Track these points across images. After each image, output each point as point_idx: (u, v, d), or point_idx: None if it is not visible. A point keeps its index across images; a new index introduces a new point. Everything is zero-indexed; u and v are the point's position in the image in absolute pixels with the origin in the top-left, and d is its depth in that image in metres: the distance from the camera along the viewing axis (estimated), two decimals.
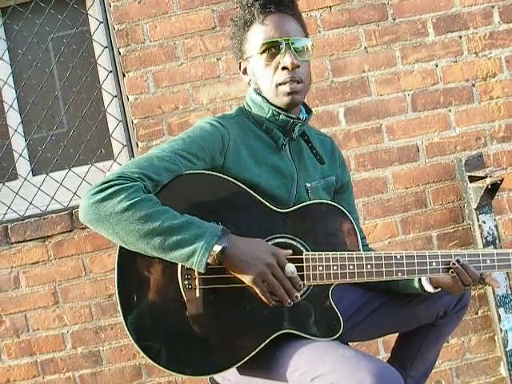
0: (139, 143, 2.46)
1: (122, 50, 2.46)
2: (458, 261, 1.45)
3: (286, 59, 1.46)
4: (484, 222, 2.43)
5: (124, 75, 2.47)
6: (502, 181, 2.33)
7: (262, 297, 1.34)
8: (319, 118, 2.47)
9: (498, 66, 2.51)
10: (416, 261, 1.45)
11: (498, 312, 2.44)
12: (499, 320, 2.45)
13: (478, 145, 2.51)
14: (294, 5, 1.55)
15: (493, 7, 2.51)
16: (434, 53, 2.49)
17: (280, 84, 1.48)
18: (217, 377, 1.60)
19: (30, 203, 2.50)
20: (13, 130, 2.57)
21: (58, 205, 2.50)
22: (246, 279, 1.33)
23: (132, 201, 1.27)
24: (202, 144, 1.42)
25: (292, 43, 1.47)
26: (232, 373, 1.51)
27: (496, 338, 2.50)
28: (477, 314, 2.53)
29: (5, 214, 2.51)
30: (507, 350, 2.45)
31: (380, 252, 1.45)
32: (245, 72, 1.59)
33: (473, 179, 2.40)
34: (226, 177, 1.42)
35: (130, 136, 2.51)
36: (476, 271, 1.46)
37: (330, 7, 2.47)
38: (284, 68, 1.47)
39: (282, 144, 1.54)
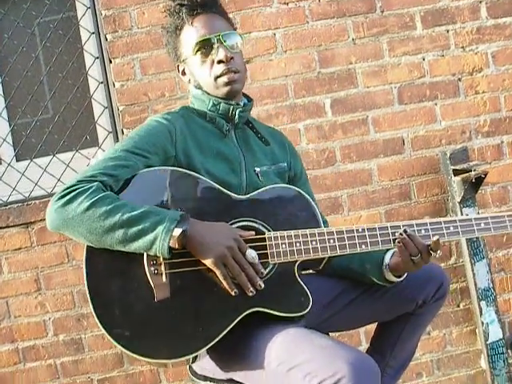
0: (124, 130, 2.45)
1: (108, 36, 2.44)
2: (405, 231, 1.47)
3: (220, 53, 1.54)
4: (467, 216, 2.45)
5: (110, 61, 2.45)
6: (486, 175, 2.34)
7: (223, 281, 1.37)
8: (305, 108, 2.47)
9: (484, 61, 2.53)
10: (378, 232, 1.48)
11: (479, 305, 2.46)
12: (480, 313, 2.47)
13: (462, 139, 2.52)
14: (217, 4, 1.64)
15: (480, 2, 2.52)
16: (422, 46, 2.50)
17: (218, 76, 1.56)
18: (195, 366, 1.61)
19: (14, 189, 2.48)
20: None
21: (42, 191, 2.48)
22: (207, 262, 1.37)
23: (91, 200, 1.33)
24: (151, 140, 1.49)
25: (222, 38, 1.55)
26: (208, 362, 1.53)
27: (477, 331, 2.52)
28: (458, 306, 2.55)
29: None
30: (488, 343, 2.47)
31: (341, 227, 1.48)
32: (183, 73, 1.67)
33: (457, 173, 2.42)
34: (181, 169, 1.48)
35: (116, 123, 2.49)
36: (422, 241, 1.46)
37: None
38: (220, 61, 1.55)
39: (226, 130, 1.61)
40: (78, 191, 1.35)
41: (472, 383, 2.55)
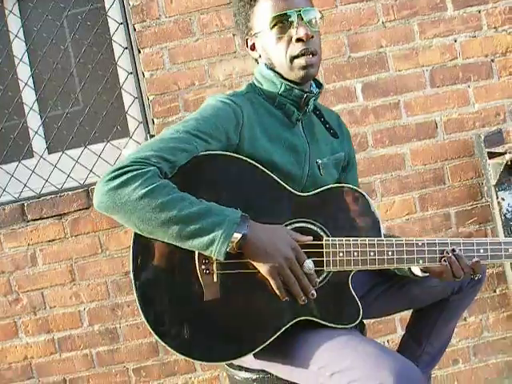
0: (155, 120, 2.45)
1: (137, 26, 2.44)
2: (453, 250, 1.41)
3: (300, 31, 1.43)
4: (503, 199, 2.40)
5: (139, 51, 2.45)
6: None
7: (276, 290, 1.32)
8: (336, 93, 2.44)
9: None
10: (437, 248, 1.42)
11: None
12: None
13: (497, 121, 2.47)
14: None
15: None
16: (453, 28, 2.46)
17: (295, 57, 1.45)
18: None
19: (46, 181, 2.50)
20: (28, 108, 2.57)
21: (74, 182, 2.49)
22: (263, 269, 1.31)
23: (147, 188, 1.24)
24: (215, 123, 1.39)
25: (303, 14, 1.44)
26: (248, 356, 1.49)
27: None
28: (495, 292, 2.51)
29: (21, 191, 2.51)
30: None
31: (401, 238, 1.42)
32: (253, 48, 1.55)
33: (492, 155, 2.37)
34: (243, 157, 1.39)
35: (146, 113, 2.49)
36: (469, 263, 1.41)
37: None
38: (298, 40, 1.44)
39: (296, 119, 1.52)
40: (132, 174, 1.25)
41: (509, 369, 2.51)
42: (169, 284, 1.34)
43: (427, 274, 1.53)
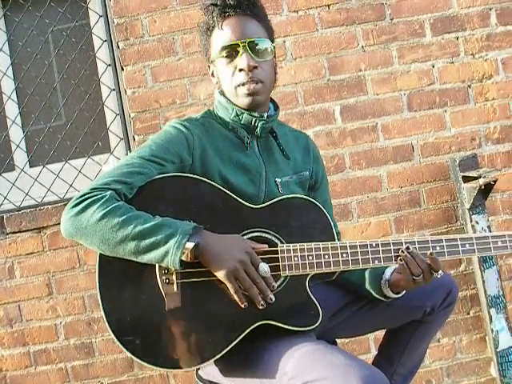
0: (136, 137, 2.48)
1: (120, 44, 2.48)
2: (407, 248, 1.44)
3: (241, 61, 1.49)
4: (477, 223, 2.45)
5: (122, 69, 2.49)
6: (495, 182, 2.34)
7: (234, 295, 1.37)
8: (315, 115, 2.48)
9: (494, 68, 2.53)
10: (392, 247, 1.45)
11: (489, 312, 2.45)
12: (490, 320, 2.46)
13: (472, 145, 2.52)
14: (254, 6, 1.56)
15: (490, 9, 2.53)
16: (431, 53, 2.51)
17: (238, 85, 1.51)
18: (201, 372, 1.61)
19: (27, 194, 2.51)
20: (11, 121, 2.59)
21: (54, 196, 2.51)
22: (219, 275, 1.36)
23: (104, 211, 1.33)
24: (167, 147, 1.47)
25: (249, 44, 1.50)
26: (213, 368, 1.52)
27: (487, 338, 2.51)
28: (468, 314, 2.54)
29: (1, 204, 2.53)
30: (498, 350, 2.46)
31: (355, 241, 1.47)
32: (213, 75, 1.63)
33: (467, 179, 2.42)
34: (196, 176, 1.47)
35: (127, 129, 2.52)
36: (425, 259, 1.43)
37: (329, 6, 2.49)
38: (241, 70, 1.50)
39: (246, 142, 1.58)
40: (91, 199, 1.35)
41: None
42: (132, 295, 1.39)
43: (400, 295, 1.57)
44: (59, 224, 2.37)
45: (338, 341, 1.79)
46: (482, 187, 2.36)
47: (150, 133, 2.47)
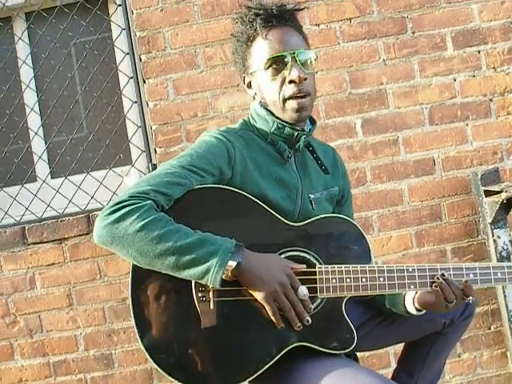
0: (157, 149, 2.49)
1: (143, 57, 2.50)
2: (442, 275, 1.43)
3: (293, 73, 1.46)
4: (499, 237, 2.43)
5: (144, 81, 2.50)
6: None
7: (272, 317, 1.36)
8: (336, 128, 2.48)
9: None
10: (428, 273, 1.44)
11: (510, 327, 2.43)
12: None
13: (494, 159, 2.51)
14: (294, 17, 1.55)
15: None
16: (453, 67, 2.51)
17: (288, 99, 1.49)
18: None
19: (48, 205, 2.53)
20: (33, 133, 2.61)
21: (76, 208, 2.53)
22: (258, 296, 1.35)
23: (144, 221, 1.29)
24: (209, 158, 1.44)
25: (297, 56, 1.47)
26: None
27: (508, 353, 2.49)
28: (489, 329, 2.52)
29: (23, 215, 2.54)
30: None
31: (392, 265, 1.45)
32: (249, 86, 1.59)
33: (488, 194, 2.40)
34: (236, 190, 1.44)
35: (149, 142, 2.53)
36: (459, 286, 1.43)
37: (350, 19, 2.49)
38: (291, 81, 1.47)
39: (287, 156, 1.55)
40: (130, 208, 1.30)
41: None
42: (166, 311, 1.37)
43: (422, 313, 1.56)
44: (80, 235, 2.47)
45: (358, 354, 1.78)
46: (504, 201, 2.35)
47: (171, 145, 2.48)
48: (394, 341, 1.84)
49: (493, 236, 2.43)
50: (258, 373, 1.39)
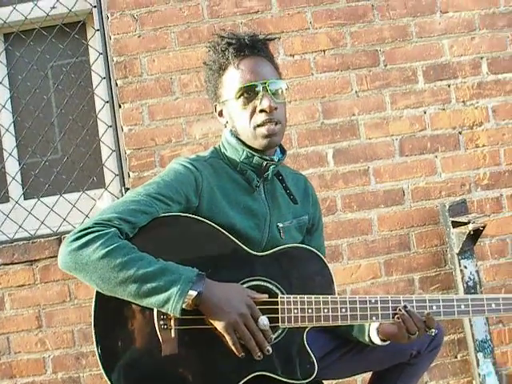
0: (131, 173, 2.51)
1: (119, 82, 2.52)
2: (405, 307, 1.45)
3: (264, 102, 1.48)
4: (465, 267, 2.48)
5: (120, 106, 2.52)
6: (484, 227, 2.37)
7: (232, 347, 1.37)
8: (308, 158, 2.52)
9: (484, 115, 2.58)
10: (390, 305, 1.47)
11: (476, 356, 2.47)
12: (478, 365, 2.47)
13: (462, 191, 2.56)
14: (266, 47, 1.57)
15: (481, 58, 2.59)
16: (423, 100, 2.56)
17: (258, 126, 1.50)
18: None
19: (20, 226, 2.53)
20: (7, 154, 2.62)
21: (48, 229, 2.52)
22: (218, 326, 1.36)
23: (107, 249, 1.30)
24: (175, 186, 1.45)
25: (268, 86, 1.49)
26: None
27: (474, 382, 2.52)
28: (456, 357, 2.55)
29: None
30: None
31: (354, 296, 1.47)
32: (220, 114, 1.61)
33: (456, 224, 2.45)
34: (201, 219, 1.45)
35: (123, 166, 2.55)
36: (422, 318, 1.45)
37: (324, 51, 2.54)
38: (262, 111, 1.49)
39: (255, 185, 1.57)
40: (94, 235, 1.32)
41: None
42: (129, 339, 1.38)
43: (386, 343, 1.58)
44: (51, 257, 2.47)
45: (325, 382, 1.80)
46: (471, 232, 2.40)
47: (144, 170, 2.50)
48: (360, 370, 1.85)
49: (460, 266, 2.47)
50: None
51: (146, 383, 1.38)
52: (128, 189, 2.47)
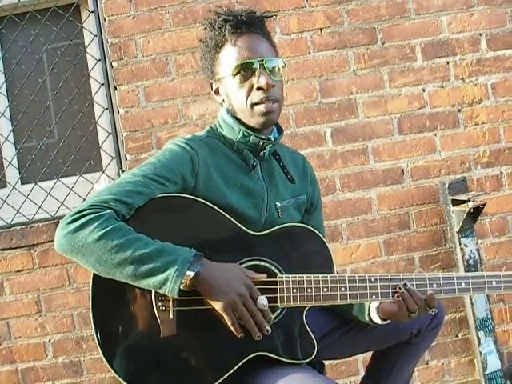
0: (128, 156, 2.49)
1: (114, 64, 2.50)
2: (405, 285, 1.44)
3: (261, 80, 1.46)
4: (466, 246, 2.46)
5: (116, 88, 2.50)
6: (484, 205, 2.36)
7: (231, 327, 1.35)
8: (306, 137, 2.50)
9: (483, 93, 2.56)
10: (390, 284, 1.45)
11: (477, 335, 2.47)
12: (479, 343, 2.47)
13: (462, 169, 2.55)
14: (264, 25, 1.55)
15: (480, 34, 2.56)
16: (422, 77, 2.54)
17: (255, 104, 1.48)
18: None
19: (18, 211, 2.51)
20: (3, 138, 2.60)
21: (45, 214, 2.51)
22: (217, 306, 1.34)
23: (103, 231, 1.29)
24: (171, 167, 1.43)
25: (266, 63, 1.48)
26: None
27: (475, 361, 2.52)
28: (457, 336, 2.55)
29: None
30: (486, 373, 2.47)
31: (354, 275, 1.46)
32: (217, 92, 1.59)
33: (456, 203, 2.44)
34: (198, 199, 1.43)
35: (119, 148, 2.53)
36: (422, 297, 1.44)
37: (321, 29, 2.52)
38: (259, 88, 1.47)
39: (252, 164, 1.55)
40: (89, 217, 1.30)
41: None
42: (127, 321, 1.36)
43: (386, 322, 1.56)
44: (50, 242, 2.46)
45: (326, 362, 1.80)
46: (471, 211, 2.38)
47: (141, 152, 2.48)
48: (361, 349, 1.84)
49: (460, 244, 2.46)
50: (219, 381, 1.38)
51: (146, 365, 1.36)
52: (124, 171, 2.46)
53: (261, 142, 1.53)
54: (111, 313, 1.36)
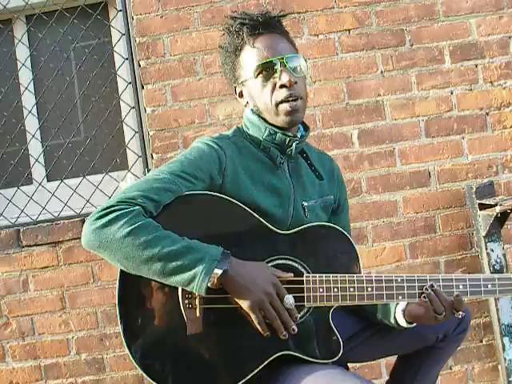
0: (154, 155, 2.50)
1: (142, 63, 2.51)
2: (431, 286, 1.43)
3: (283, 77, 1.47)
4: (492, 250, 2.44)
5: (143, 87, 2.51)
6: (511, 210, 2.33)
7: (257, 326, 1.35)
8: (333, 139, 2.49)
9: None
10: (417, 284, 1.44)
11: (502, 341, 2.44)
12: (503, 349, 2.44)
13: (489, 173, 2.52)
14: (280, 24, 1.56)
15: (510, 37, 2.54)
16: (450, 80, 2.52)
17: (280, 102, 1.48)
18: None
19: (43, 208, 2.53)
20: (30, 136, 2.62)
21: (71, 211, 2.53)
22: (244, 305, 1.34)
23: (131, 227, 1.29)
24: (199, 164, 1.44)
25: (286, 61, 1.48)
26: None
27: (500, 367, 2.49)
28: (481, 342, 2.52)
29: (18, 217, 2.54)
30: (510, 379, 2.44)
31: (380, 275, 1.45)
32: (241, 95, 1.60)
33: (483, 207, 2.41)
34: (226, 197, 1.43)
35: (146, 147, 2.54)
36: (448, 298, 1.42)
37: (349, 30, 2.51)
38: (282, 86, 1.47)
39: (279, 162, 1.55)
40: (118, 213, 1.31)
41: None
42: (153, 318, 1.37)
43: (413, 325, 1.56)
44: (75, 239, 2.47)
45: (349, 365, 1.79)
46: (498, 215, 2.36)
47: (168, 151, 2.49)
48: (386, 353, 1.84)
49: (486, 249, 2.44)
50: (243, 380, 1.38)
51: (171, 362, 1.37)
52: (151, 170, 2.47)
53: (287, 139, 1.53)
54: (137, 309, 1.37)
